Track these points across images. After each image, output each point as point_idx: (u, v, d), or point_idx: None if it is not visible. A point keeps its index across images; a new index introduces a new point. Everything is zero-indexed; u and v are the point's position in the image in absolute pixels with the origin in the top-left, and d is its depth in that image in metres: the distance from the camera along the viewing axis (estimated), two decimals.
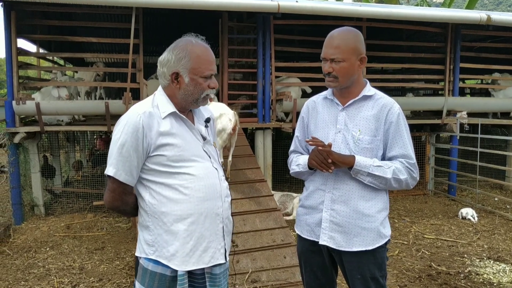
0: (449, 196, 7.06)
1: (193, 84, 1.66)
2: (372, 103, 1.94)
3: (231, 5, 5.41)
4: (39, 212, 5.97)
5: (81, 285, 3.83)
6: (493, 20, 6.11)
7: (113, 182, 1.64)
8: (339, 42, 1.87)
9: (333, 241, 1.92)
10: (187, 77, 1.65)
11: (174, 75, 1.66)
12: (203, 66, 1.66)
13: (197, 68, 1.65)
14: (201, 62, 1.66)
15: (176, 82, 1.67)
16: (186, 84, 1.66)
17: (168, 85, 1.70)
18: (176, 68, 1.65)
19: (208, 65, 1.67)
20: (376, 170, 1.85)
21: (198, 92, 1.68)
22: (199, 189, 1.66)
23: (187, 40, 1.68)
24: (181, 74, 1.65)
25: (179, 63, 1.64)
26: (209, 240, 1.68)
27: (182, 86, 1.66)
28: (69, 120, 6.29)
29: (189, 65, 1.64)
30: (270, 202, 4.52)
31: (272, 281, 3.58)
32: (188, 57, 1.64)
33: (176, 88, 1.68)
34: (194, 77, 1.65)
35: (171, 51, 1.66)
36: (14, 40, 5.48)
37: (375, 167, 1.85)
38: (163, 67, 1.68)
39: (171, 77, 1.66)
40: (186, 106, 1.72)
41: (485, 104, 7.51)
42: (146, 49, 6.00)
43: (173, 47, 1.67)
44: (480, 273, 4.00)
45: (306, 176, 2.05)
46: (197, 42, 1.68)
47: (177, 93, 1.68)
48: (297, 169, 2.04)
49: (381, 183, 1.88)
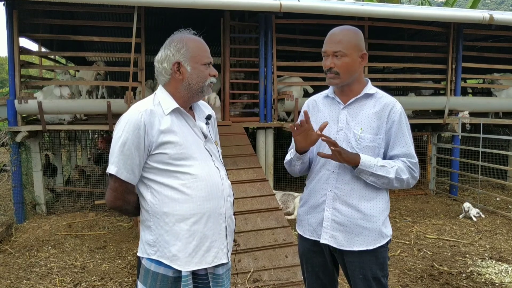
0: (450, 196, 7.04)
1: (195, 72, 1.68)
2: (373, 102, 1.94)
3: (233, 4, 5.41)
4: (41, 211, 5.97)
5: (83, 284, 3.83)
6: (495, 20, 6.10)
7: (115, 180, 1.63)
8: (341, 37, 1.87)
9: (334, 240, 1.92)
10: (188, 65, 1.67)
11: (176, 65, 1.67)
12: (202, 54, 1.69)
13: (196, 56, 1.68)
14: (199, 50, 1.69)
15: (179, 73, 1.68)
16: (189, 73, 1.68)
17: (170, 81, 1.70)
18: (177, 59, 1.67)
19: (206, 53, 1.71)
20: (379, 170, 1.84)
21: (202, 80, 1.69)
22: (201, 188, 1.65)
23: (180, 34, 1.73)
24: (182, 63, 1.67)
25: (179, 53, 1.66)
26: (212, 240, 1.67)
27: (186, 76, 1.68)
28: (71, 119, 6.30)
29: (189, 54, 1.67)
30: (272, 202, 4.52)
31: (273, 281, 3.58)
32: (186, 47, 1.67)
33: (179, 81, 1.69)
34: (195, 65, 1.68)
35: (168, 46, 1.69)
36: (16, 39, 5.48)
37: (379, 167, 1.84)
38: (162, 63, 1.69)
39: (173, 68, 1.67)
40: (190, 99, 1.73)
41: (487, 104, 7.49)
42: (148, 48, 5.98)
43: (169, 43, 1.70)
44: (482, 273, 3.99)
45: (297, 164, 2.01)
46: (190, 34, 1.73)
47: (179, 86, 1.69)
48: (289, 157, 2.05)
49: (383, 183, 1.87)
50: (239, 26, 6.42)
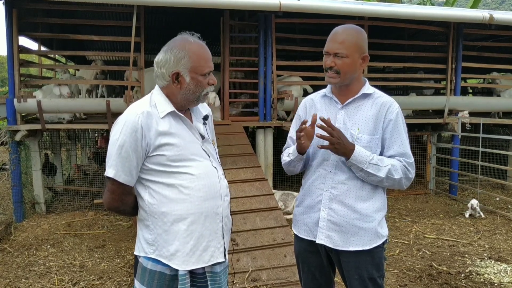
0: (450, 195, 7.04)
1: (194, 82, 1.65)
2: (371, 102, 1.94)
3: (233, 3, 5.40)
4: (40, 210, 5.98)
5: (82, 283, 3.83)
6: (495, 19, 6.09)
7: (113, 183, 1.63)
8: (344, 38, 1.86)
9: (330, 240, 1.91)
10: (188, 76, 1.64)
11: (175, 75, 1.64)
12: (202, 64, 1.65)
13: (197, 67, 1.64)
14: (200, 60, 1.65)
15: (177, 83, 1.65)
16: (188, 84, 1.65)
17: (167, 85, 1.69)
18: (177, 69, 1.63)
19: (207, 63, 1.67)
20: (370, 168, 1.83)
21: (199, 90, 1.68)
22: (199, 188, 1.65)
23: (183, 39, 1.67)
24: (181, 74, 1.64)
25: (179, 63, 1.63)
26: (208, 239, 1.68)
27: (184, 86, 1.65)
28: (70, 118, 6.30)
29: (189, 65, 1.63)
30: (271, 201, 4.52)
31: (272, 280, 3.58)
32: (187, 57, 1.63)
33: (177, 88, 1.66)
34: (195, 76, 1.65)
35: (169, 51, 1.64)
36: (16, 38, 5.47)
37: (370, 165, 1.83)
38: (161, 68, 1.66)
39: (171, 77, 1.65)
40: (186, 105, 1.72)
41: (487, 104, 7.48)
42: (148, 47, 5.98)
43: (170, 47, 1.65)
44: (481, 273, 3.99)
45: (297, 165, 2.02)
46: (194, 40, 1.67)
47: (177, 93, 1.67)
48: (288, 158, 2.03)
49: (372, 180, 1.87)
50: (238, 25, 6.41)
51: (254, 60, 6.50)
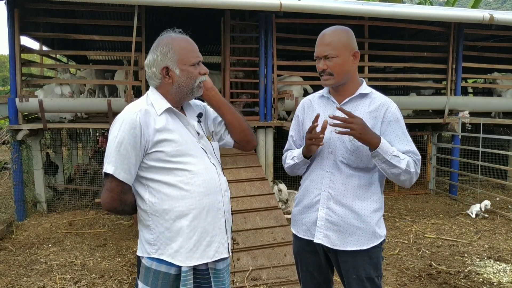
0: (450, 195, 7.05)
1: (184, 74, 1.69)
2: (368, 101, 1.95)
3: (234, 3, 5.41)
4: (41, 209, 6.00)
5: (83, 281, 3.85)
6: (496, 20, 6.09)
7: (112, 181, 1.62)
8: (331, 39, 1.88)
9: (327, 239, 1.93)
10: (177, 69, 1.68)
11: (165, 70, 1.68)
12: (189, 55, 1.70)
13: (184, 58, 1.68)
14: (186, 51, 1.69)
15: (168, 77, 1.69)
16: (178, 76, 1.69)
17: (161, 84, 1.72)
18: (165, 63, 1.67)
19: (193, 53, 1.71)
20: (393, 159, 1.82)
21: (191, 81, 1.71)
22: (199, 184, 1.67)
23: (166, 36, 1.72)
24: (170, 67, 1.68)
25: (166, 57, 1.67)
26: (212, 234, 1.69)
27: (175, 79, 1.69)
28: (72, 117, 6.32)
29: (176, 57, 1.67)
30: (271, 201, 4.54)
31: (272, 279, 3.60)
32: (172, 50, 1.67)
33: (169, 84, 1.70)
34: (184, 67, 1.68)
35: (155, 50, 1.70)
36: (18, 38, 5.50)
37: (393, 156, 1.82)
38: (151, 68, 1.70)
39: (162, 73, 1.68)
40: (181, 100, 1.75)
41: (487, 104, 7.49)
42: (149, 47, 6.00)
43: (155, 47, 1.71)
44: (480, 273, 4.01)
45: (302, 168, 2.03)
46: (176, 35, 1.72)
47: (170, 89, 1.71)
48: (292, 162, 2.04)
49: (393, 173, 1.84)
50: (239, 25, 6.42)
51: (255, 60, 6.52)
